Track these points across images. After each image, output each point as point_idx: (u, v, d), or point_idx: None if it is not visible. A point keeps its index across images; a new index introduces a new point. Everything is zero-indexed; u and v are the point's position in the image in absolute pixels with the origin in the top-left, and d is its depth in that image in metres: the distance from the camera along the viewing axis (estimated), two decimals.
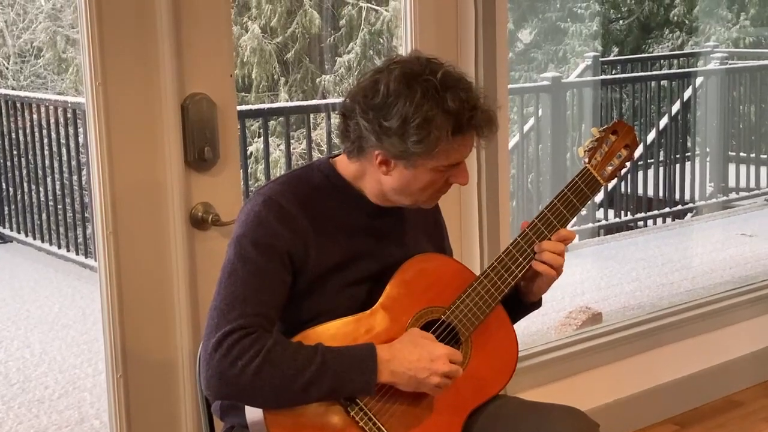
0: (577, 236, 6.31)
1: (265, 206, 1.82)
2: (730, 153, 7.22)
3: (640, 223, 6.70)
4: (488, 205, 2.91)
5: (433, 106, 1.76)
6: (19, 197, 6.11)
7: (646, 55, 9.41)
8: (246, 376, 1.71)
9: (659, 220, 6.75)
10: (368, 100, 1.79)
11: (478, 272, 1.97)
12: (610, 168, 2.02)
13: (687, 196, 6.85)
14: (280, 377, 1.72)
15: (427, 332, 1.86)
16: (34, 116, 5.90)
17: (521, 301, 2.03)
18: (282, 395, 1.74)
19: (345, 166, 1.90)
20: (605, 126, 2.05)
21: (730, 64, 7.30)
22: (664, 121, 6.79)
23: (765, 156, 7.29)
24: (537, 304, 2.06)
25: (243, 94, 7.66)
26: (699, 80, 7.00)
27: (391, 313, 1.86)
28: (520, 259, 1.94)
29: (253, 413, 1.78)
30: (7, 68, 8.04)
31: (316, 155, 6.15)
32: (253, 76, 7.72)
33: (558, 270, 1.95)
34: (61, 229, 5.88)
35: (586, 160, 2.01)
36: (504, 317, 1.99)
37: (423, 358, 1.79)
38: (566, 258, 1.97)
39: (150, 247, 2.29)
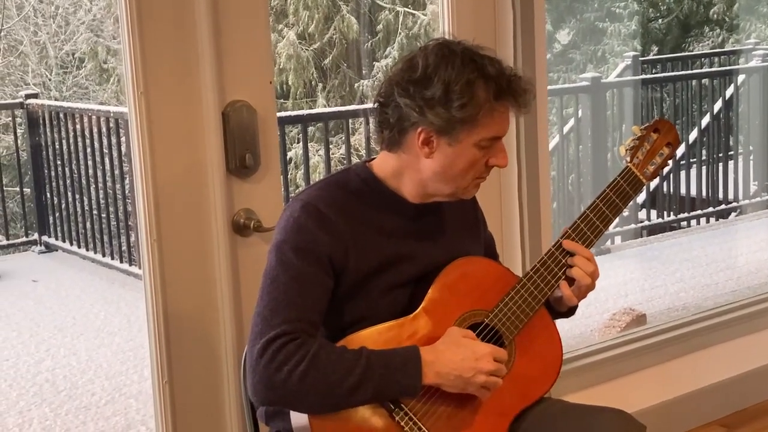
0: (619, 237, 6.26)
1: (304, 212, 1.83)
2: None
3: (684, 223, 6.63)
4: (529, 206, 2.89)
5: (474, 69, 1.79)
6: (63, 206, 6.19)
7: (687, 53, 9.33)
8: (292, 382, 1.72)
9: (703, 220, 6.68)
10: (407, 77, 1.81)
11: (520, 274, 1.97)
12: (652, 167, 2.00)
13: (731, 196, 6.78)
14: (326, 381, 1.73)
15: (468, 330, 1.85)
16: (77, 126, 5.98)
17: (553, 309, 2.01)
18: (328, 399, 1.74)
19: (382, 166, 1.91)
20: (646, 124, 2.03)
21: None
22: (706, 120, 6.72)
23: None
24: (568, 314, 2.04)
25: (281, 100, 7.71)
26: (741, 78, 6.92)
27: (434, 317, 1.86)
28: (563, 261, 1.93)
29: (298, 418, 1.79)
30: (49, 79, 8.15)
31: (355, 160, 6.17)
32: (290, 83, 7.76)
33: (590, 284, 1.94)
34: (106, 238, 5.94)
35: (628, 159, 2.00)
36: (548, 320, 1.97)
37: (468, 358, 1.79)
38: (610, 259, 1.95)
39: (193, 254, 2.31)
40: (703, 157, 6.74)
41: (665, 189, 6.53)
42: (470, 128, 1.80)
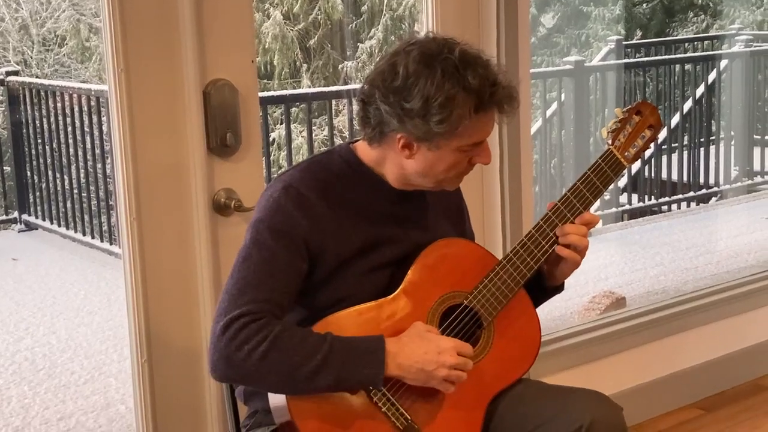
0: (600, 221, 6.28)
1: (285, 193, 1.82)
2: (755, 136, 7.15)
3: (664, 207, 6.66)
4: (511, 190, 2.90)
5: (455, 84, 1.75)
6: (43, 185, 6.15)
7: (670, 38, 9.34)
8: (251, 361, 1.72)
9: (683, 205, 6.71)
10: (388, 84, 1.78)
11: (500, 257, 1.97)
12: (633, 149, 2.00)
13: (711, 180, 6.80)
14: (286, 364, 1.72)
15: (431, 326, 1.84)
16: (58, 104, 5.93)
17: (544, 285, 2.02)
18: (287, 382, 1.74)
19: (366, 151, 1.90)
20: (629, 106, 2.02)
21: (755, 46, 7.22)
22: (688, 105, 6.74)
23: None
24: (559, 289, 2.05)
25: (265, 81, 7.67)
26: (723, 63, 6.94)
27: (414, 298, 1.86)
28: (543, 243, 1.93)
29: (275, 398, 1.79)
30: (31, 57, 8.08)
31: (338, 141, 6.16)
32: (275, 63, 7.73)
33: (581, 253, 1.94)
34: (86, 217, 5.91)
35: (610, 141, 1.99)
36: (527, 302, 1.98)
37: (430, 351, 1.78)
38: (590, 243, 1.96)
39: (173, 233, 2.30)
40: (685, 142, 6.76)
41: (646, 173, 6.55)
42: (450, 138, 1.78)
